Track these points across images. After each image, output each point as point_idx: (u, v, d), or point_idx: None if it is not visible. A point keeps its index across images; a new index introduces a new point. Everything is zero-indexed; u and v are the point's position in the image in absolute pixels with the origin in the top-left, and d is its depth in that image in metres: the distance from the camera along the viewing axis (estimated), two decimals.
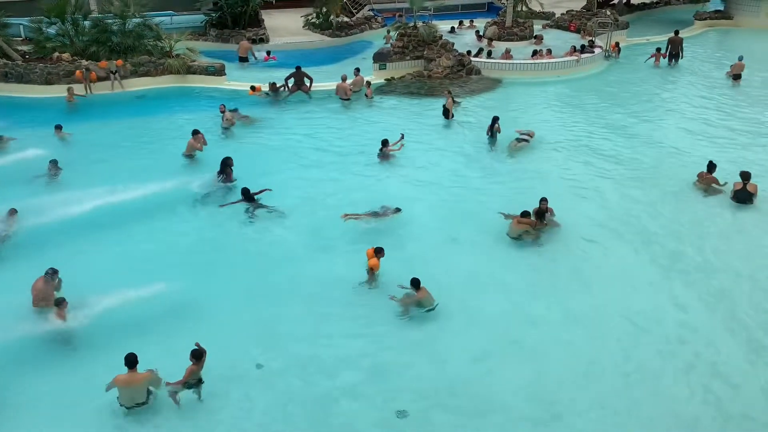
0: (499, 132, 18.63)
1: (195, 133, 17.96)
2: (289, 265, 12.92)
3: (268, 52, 27.58)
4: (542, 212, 13.81)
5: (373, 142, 18.30)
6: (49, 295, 11.14)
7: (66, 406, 9.45)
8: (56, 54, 23.68)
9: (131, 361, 9.30)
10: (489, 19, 31.71)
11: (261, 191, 15.20)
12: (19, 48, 24.56)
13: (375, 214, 14.22)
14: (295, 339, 10.86)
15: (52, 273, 11.36)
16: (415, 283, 11.44)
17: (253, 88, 22.93)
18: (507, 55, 26.14)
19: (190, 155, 17.76)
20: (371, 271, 12.21)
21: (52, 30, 24.70)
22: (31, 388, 9.74)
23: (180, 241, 13.80)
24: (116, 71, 23.07)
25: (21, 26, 26.61)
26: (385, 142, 17.49)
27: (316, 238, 13.83)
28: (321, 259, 13.09)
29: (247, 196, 14.93)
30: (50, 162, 16.39)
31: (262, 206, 14.86)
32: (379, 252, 12.26)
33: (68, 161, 16.68)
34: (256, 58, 27.30)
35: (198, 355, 9.58)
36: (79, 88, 22.21)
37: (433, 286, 11.53)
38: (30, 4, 26.91)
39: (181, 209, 15.01)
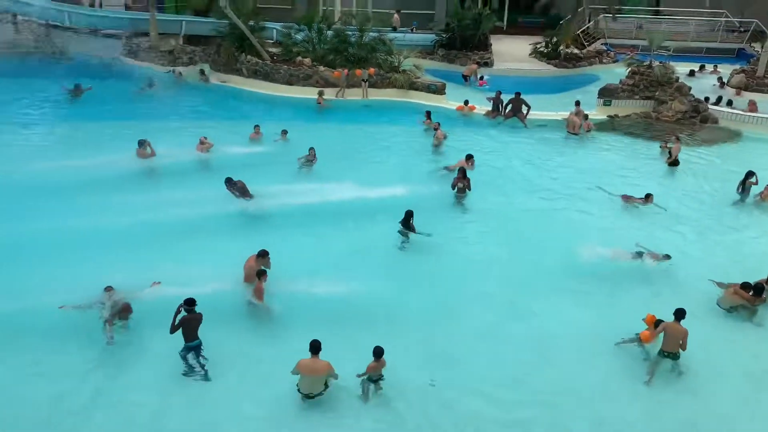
0: (756, 184, 16.83)
1: (436, 128, 20.24)
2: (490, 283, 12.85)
3: (482, 77, 27.69)
4: (762, 287, 12.05)
5: (590, 176, 18.07)
6: None
7: (257, 378, 10.15)
8: (299, 58, 25.98)
9: (316, 347, 9.63)
10: (737, 66, 28.93)
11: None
12: (269, 50, 27.33)
13: (639, 255, 13.41)
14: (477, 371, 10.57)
15: (263, 254, 12.15)
16: (679, 314, 10.51)
17: (466, 102, 23.38)
18: (752, 106, 23.55)
19: (437, 145, 19.81)
20: (640, 340, 10.87)
21: (299, 36, 27.18)
22: (232, 350, 10.62)
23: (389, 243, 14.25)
24: (367, 80, 24.69)
25: (275, 30, 29.69)
26: (648, 196, 16.04)
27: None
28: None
29: (230, 183, 15.35)
30: (310, 148, 18.04)
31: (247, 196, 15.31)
32: (659, 324, 10.73)
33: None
34: (468, 82, 27.62)
35: (378, 352, 9.78)
36: (330, 92, 24.26)
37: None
38: (285, 12, 29.92)
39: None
